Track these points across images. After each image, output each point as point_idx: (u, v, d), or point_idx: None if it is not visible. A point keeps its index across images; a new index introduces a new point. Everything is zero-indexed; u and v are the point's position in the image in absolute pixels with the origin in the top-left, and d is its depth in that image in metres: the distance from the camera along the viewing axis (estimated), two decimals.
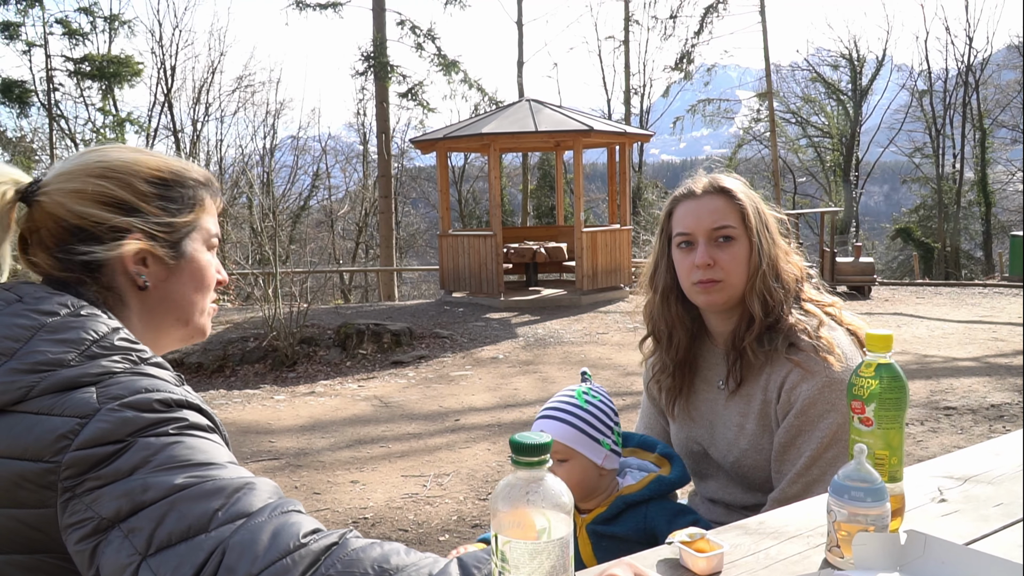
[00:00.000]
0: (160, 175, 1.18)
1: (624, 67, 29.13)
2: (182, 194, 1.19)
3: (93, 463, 0.90)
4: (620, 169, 13.53)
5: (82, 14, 22.62)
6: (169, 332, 1.23)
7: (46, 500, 0.90)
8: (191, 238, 1.20)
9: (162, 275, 1.17)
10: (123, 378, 0.97)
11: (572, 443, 1.58)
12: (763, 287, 1.66)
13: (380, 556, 0.88)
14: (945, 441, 5.35)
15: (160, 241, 1.16)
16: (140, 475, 0.89)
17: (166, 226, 1.16)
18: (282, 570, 0.83)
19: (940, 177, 30.65)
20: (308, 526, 0.89)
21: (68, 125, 24.28)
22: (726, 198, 1.69)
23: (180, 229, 1.18)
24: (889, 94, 35.31)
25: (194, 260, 1.21)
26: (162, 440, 0.92)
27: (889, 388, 1.14)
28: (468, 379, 8.07)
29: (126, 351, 1.02)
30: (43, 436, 0.91)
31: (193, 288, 1.21)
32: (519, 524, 0.83)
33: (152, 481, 0.89)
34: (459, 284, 12.84)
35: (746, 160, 33.51)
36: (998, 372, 7.31)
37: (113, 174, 1.14)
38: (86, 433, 0.90)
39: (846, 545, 1.02)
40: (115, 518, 0.88)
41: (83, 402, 0.93)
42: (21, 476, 0.90)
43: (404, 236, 30.51)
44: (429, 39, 20.50)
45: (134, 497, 0.88)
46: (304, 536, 0.87)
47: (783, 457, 1.62)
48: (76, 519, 0.89)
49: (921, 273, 26.77)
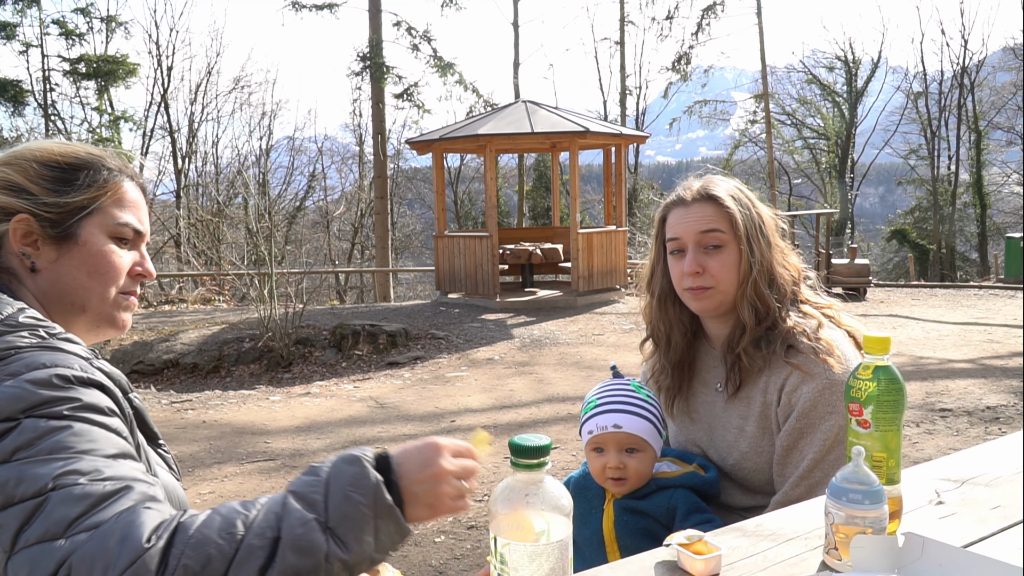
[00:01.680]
0: (58, 159, 1.20)
1: (620, 68, 29.16)
2: (79, 176, 1.20)
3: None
4: (616, 170, 13.53)
5: (79, 14, 22.59)
6: (69, 319, 1.23)
7: None
8: (87, 221, 1.20)
9: (51, 256, 1.19)
10: (26, 353, 0.98)
11: (647, 436, 1.64)
12: (754, 294, 1.66)
13: (223, 523, 0.88)
14: (941, 443, 5.35)
15: (44, 221, 1.17)
16: (19, 460, 0.89)
17: (52, 206, 1.17)
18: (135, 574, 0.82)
19: (935, 179, 30.73)
20: (152, 524, 0.87)
21: (64, 125, 24.22)
22: (715, 205, 1.69)
23: (69, 209, 1.19)
24: (884, 96, 35.39)
25: (88, 244, 1.20)
26: (51, 424, 0.91)
27: (887, 390, 1.14)
28: (464, 380, 8.07)
29: (33, 327, 1.03)
30: None
31: (86, 273, 1.21)
32: (518, 526, 0.83)
33: (28, 473, 0.88)
34: (455, 285, 12.84)
35: (742, 161, 33.55)
36: (993, 374, 7.33)
37: (15, 160, 1.19)
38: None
39: (844, 547, 1.02)
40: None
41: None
42: None
43: (400, 237, 30.50)
44: (425, 40, 20.52)
45: (7, 490, 0.88)
46: (147, 538, 0.85)
47: (785, 460, 1.62)
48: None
49: (916, 275, 26.82)
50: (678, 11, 27.48)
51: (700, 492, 1.66)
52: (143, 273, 1.28)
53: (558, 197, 17.51)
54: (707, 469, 1.72)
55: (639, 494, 1.65)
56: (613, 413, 1.66)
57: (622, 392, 1.71)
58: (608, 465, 1.63)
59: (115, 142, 22.40)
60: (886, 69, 34.55)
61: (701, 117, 31.98)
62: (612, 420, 1.65)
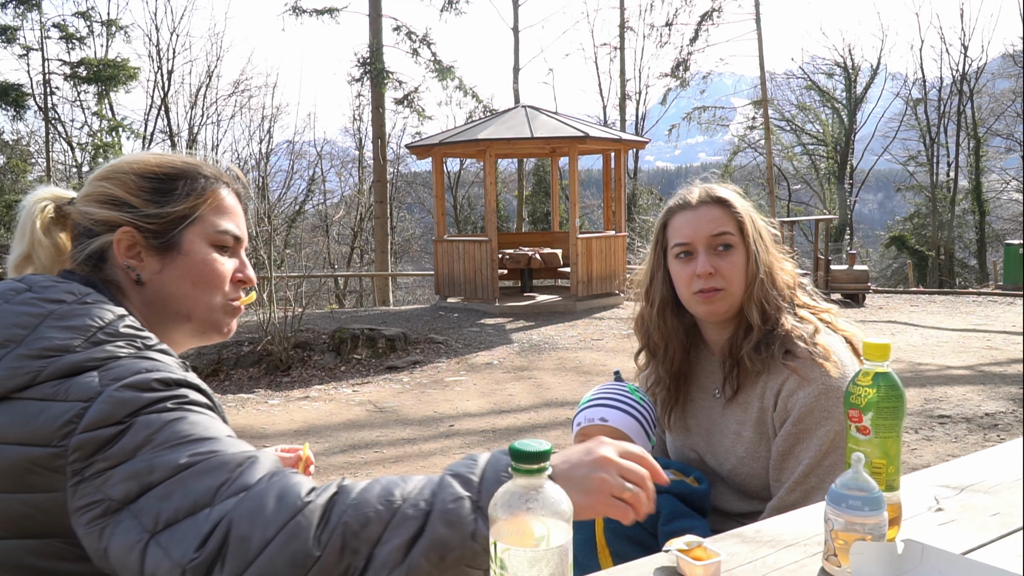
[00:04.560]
0: (156, 170, 1.20)
1: (620, 74, 29.20)
2: (177, 185, 1.21)
3: (99, 445, 0.92)
4: (615, 176, 13.54)
5: (79, 18, 22.59)
6: (174, 327, 1.23)
7: (56, 484, 0.92)
8: (188, 231, 1.20)
9: (156, 267, 1.19)
10: (125, 361, 0.99)
11: (632, 433, 1.66)
12: (761, 295, 1.66)
13: (383, 491, 0.93)
14: (939, 450, 5.35)
15: (147, 232, 1.17)
16: (145, 455, 0.92)
17: (154, 217, 1.18)
18: (296, 529, 0.87)
19: (934, 185, 30.75)
20: (307, 485, 0.93)
21: (64, 128, 24.23)
22: (723, 207, 1.70)
23: (170, 219, 1.19)
24: (884, 102, 35.44)
25: (191, 253, 1.20)
26: (163, 417, 0.95)
27: (887, 397, 1.14)
28: (462, 384, 8.06)
29: (131, 337, 1.04)
30: (50, 421, 0.93)
31: (191, 282, 1.21)
32: (518, 532, 0.83)
33: (157, 461, 0.91)
34: (454, 289, 12.83)
35: (741, 167, 33.57)
36: (992, 381, 7.33)
37: (113, 174, 1.19)
38: (89, 416, 0.92)
39: (843, 554, 1.02)
40: (124, 500, 0.90)
41: (86, 386, 0.94)
42: (31, 461, 0.92)
43: (399, 241, 30.49)
44: (424, 45, 20.57)
45: (141, 478, 0.90)
46: (307, 495, 0.91)
47: (781, 465, 1.61)
48: (86, 502, 0.91)
49: (915, 281, 26.84)
50: (677, 18, 27.60)
51: (687, 502, 1.65)
52: (244, 279, 1.28)
53: (557, 202, 17.53)
54: (701, 482, 1.71)
55: None
56: (601, 407, 1.69)
57: (615, 391, 1.73)
58: None
59: (115, 147, 22.40)
60: (885, 75, 34.62)
61: (700, 123, 32.03)
62: (599, 414, 1.67)
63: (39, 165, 25.49)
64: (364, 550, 0.89)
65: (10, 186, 23.03)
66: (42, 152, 24.68)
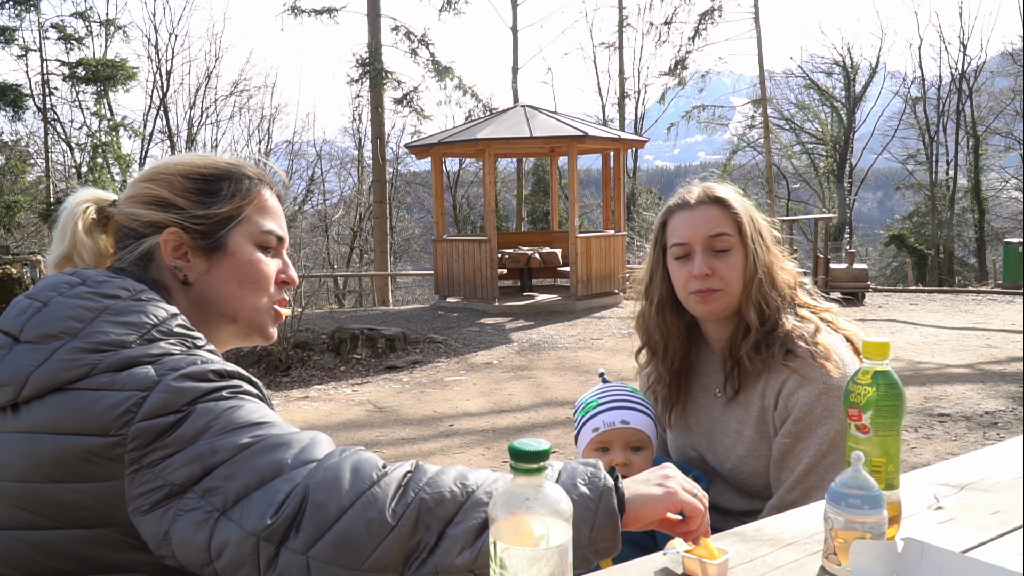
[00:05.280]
0: (203, 171, 1.21)
1: (619, 73, 29.19)
2: (223, 187, 1.22)
3: (157, 433, 0.93)
4: (614, 175, 13.55)
5: (78, 18, 22.58)
6: (219, 328, 1.24)
7: (113, 473, 0.93)
8: (234, 231, 1.21)
9: (203, 268, 1.20)
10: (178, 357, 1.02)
11: (651, 434, 1.67)
12: (759, 295, 1.66)
13: (458, 475, 0.98)
14: (939, 448, 5.36)
15: (194, 233, 1.19)
16: (205, 440, 0.94)
17: (201, 218, 1.19)
18: (372, 499, 0.92)
19: (933, 184, 30.75)
20: (380, 460, 0.98)
21: (63, 129, 24.22)
22: (721, 207, 1.69)
23: (219, 221, 1.20)
24: (883, 101, 35.45)
25: (237, 254, 1.22)
26: (221, 404, 0.97)
27: (886, 395, 1.14)
28: (462, 384, 8.07)
29: (183, 336, 1.05)
30: (106, 411, 0.94)
31: (237, 283, 1.22)
32: (518, 531, 0.83)
33: (219, 444, 0.94)
34: (453, 289, 12.84)
35: (740, 166, 33.58)
36: (992, 379, 7.33)
37: (158, 176, 1.20)
38: (148, 405, 0.94)
39: (843, 553, 1.02)
40: (187, 482, 0.92)
41: (142, 376, 0.97)
42: (88, 451, 0.93)
43: (399, 241, 30.49)
44: (423, 45, 20.56)
45: (204, 460, 0.93)
46: (382, 468, 0.96)
47: (782, 464, 1.61)
48: (146, 488, 0.92)
49: (915, 280, 26.85)
50: (676, 16, 27.53)
51: None
52: (287, 280, 1.29)
53: (557, 201, 17.51)
54: (699, 481, 1.71)
55: None
56: (620, 410, 1.66)
57: (623, 391, 1.71)
58: (615, 463, 1.62)
59: (114, 147, 22.39)
60: (884, 74, 34.64)
61: (699, 122, 32.00)
62: (620, 416, 1.65)
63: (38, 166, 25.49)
64: (437, 527, 0.93)
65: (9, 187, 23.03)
66: (41, 153, 24.68)
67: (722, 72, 35.22)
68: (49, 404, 0.96)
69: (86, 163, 22.87)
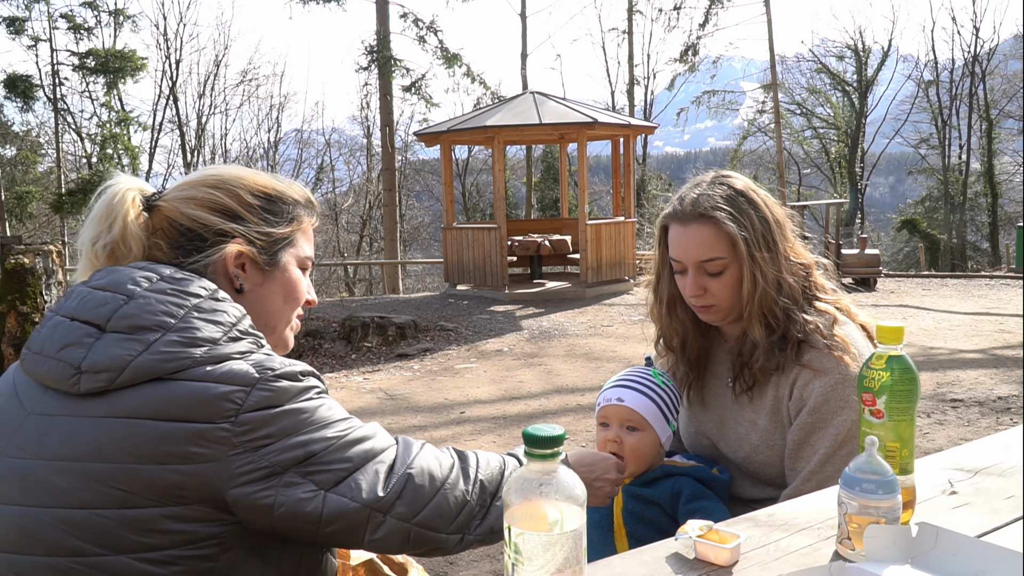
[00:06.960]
0: (264, 190, 1.31)
1: (628, 59, 29.01)
2: (282, 209, 1.32)
3: (261, 423, 1.05)
4: (624, 161, 13.50)
5: (87, 8, 22.59)
6: None
7: (217, 455, 1.02)
8: (286, 251, 1.32)
9: (257, 280, 1.30)
10: (260, 355, 1.13)
11: (649, 416, 1.66)
12: (761, 309, 1.63)
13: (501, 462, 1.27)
14: (952, 433, 5.34)
15: (258, 248, 1.28)
16: (304, 432, 1.07)
17: (265, 235, 1.29)
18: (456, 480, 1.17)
19: (946, 168, 30.52)
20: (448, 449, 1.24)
21: (73, 119, 24.32)
22: (713, 226, 1.61)
23: (277, 240, 1.30)
24: (895, 85, 35.16)
25: (287, 271, 1.33)
26: (312, 403, 1.11)
27: (900, 380, 1.14)
28: (473, 372, 8.08)
29: (255, 337, 1.17)
30: (212, 400, 1.04)
31: (283, 298, 1.33)
32: (532, 516, 0.83)
33: (316, 435, 1.08)
34: (463, 277, 12.84)
35: (751, 152, 33.41)
36: (1005, 364, 7.30)
37: (224, 185, 1.28)
38: (252, 399, 1.05)
39: (857, 537, 1.02)
40: (289, 464, 1.05)
41: (243, 372, 1.07)
42: (197, 435, 1.02)
43: (408, 229, 30.52)
44: (431, 32, 20.46)
45: (305, 447, 1.06)
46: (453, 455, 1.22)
47: (797, 455, 1.61)
48: (249, 467, 1.04)
49: (927, 265, 26.69)
50: (685, 1, 27.33)
51: (708, 487, 1.66)
52: (310, 301, 1.41)
53: (566, 188, 17.48)
54: (723, 473, 1.72)
55: (646, 479, 1.67)
56: (620, 388, 1.69)
57: (637, 373, 1.73)
58: (607, 439, 1.65)
59: (124, 137, 22.45)
60: (896, 58, 34.32)
61: (709, 107, 31.84)
62: (616, 394, 1.68)
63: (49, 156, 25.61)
64: (488, 502, 1.20)
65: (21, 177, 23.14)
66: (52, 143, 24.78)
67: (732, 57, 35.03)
68: (149, 392, 1.04)
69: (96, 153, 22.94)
